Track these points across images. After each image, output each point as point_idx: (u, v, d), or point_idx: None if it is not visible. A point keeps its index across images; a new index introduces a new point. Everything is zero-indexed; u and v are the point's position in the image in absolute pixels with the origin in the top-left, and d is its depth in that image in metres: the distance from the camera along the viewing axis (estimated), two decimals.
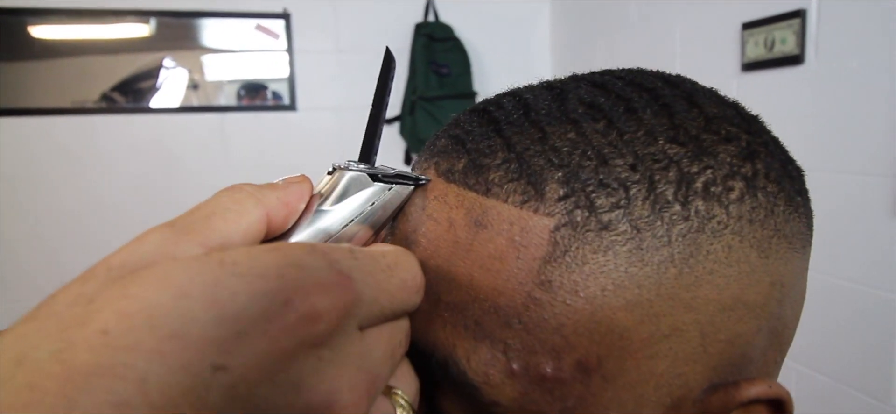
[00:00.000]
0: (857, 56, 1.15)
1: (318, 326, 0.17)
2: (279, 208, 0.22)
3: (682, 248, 0.22)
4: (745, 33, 1.36)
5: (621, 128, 0.24)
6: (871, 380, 1.18)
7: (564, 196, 0.23)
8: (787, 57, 1.27)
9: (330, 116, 2.09)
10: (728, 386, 0.24)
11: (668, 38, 1.62)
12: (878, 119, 1.12)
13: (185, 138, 1.98)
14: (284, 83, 2.05)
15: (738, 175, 0.24)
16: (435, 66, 2.06)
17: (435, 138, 0.28)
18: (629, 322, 0.22)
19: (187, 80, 2.01)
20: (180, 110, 1.99)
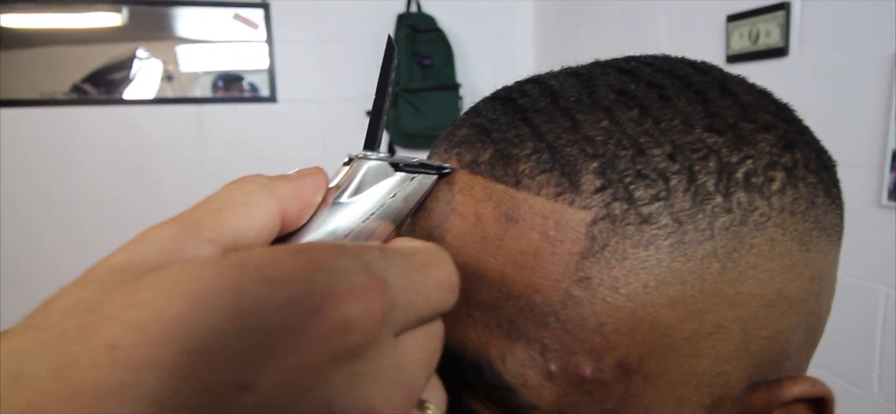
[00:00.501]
0: (840, 49, 1.17)
1: (353, 336, 0.15)
2: (293, 201, 0.20)
3: (726, 241, 0.21)
4: (730, 25, 1.37)
5: (656, 116, 0.23)
6: (853, 367, 1.20)
7: (601, 188, 0.21)
8: (772, 49, 1.28)
9: (312, 108, 2.05)
10: (770, 384, 0.24)
11: (652, 30, 1.63)
12: (860, 111, 1.14)
13: (161, 131, 1.93)
14: (264, 74, 2.00)
15: (779, 165, 0.23)
16: (418, 58, 2.03)
17: (454, 127, 0.27)
18: (672, 320, 0.21)
19: (162, 71, 1.96)
20: (155, 102, 1.93)
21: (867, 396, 1.17)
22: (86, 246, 1.87)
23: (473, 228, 0.23)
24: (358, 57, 2.08)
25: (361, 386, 0.16)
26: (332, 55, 2.04)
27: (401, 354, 0.17)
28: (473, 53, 2.18)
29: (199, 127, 1.96)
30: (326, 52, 2.04)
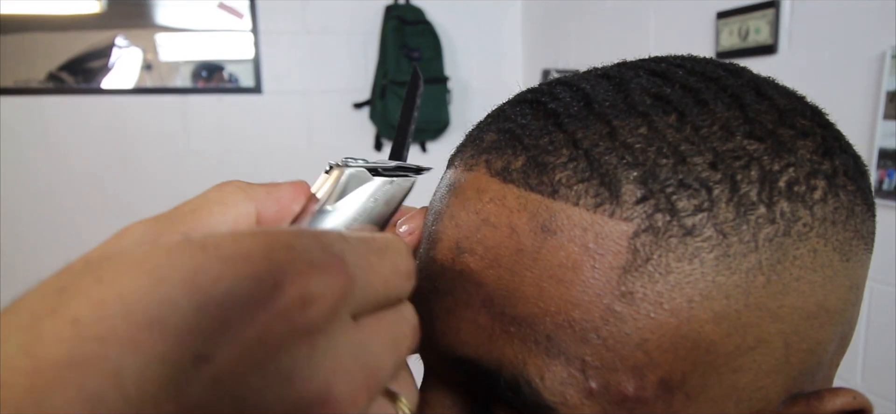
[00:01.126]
0: (828, 47, 1.18)
1: (312, 311, 0.15)
2: (269, 204, 0.21)
3: (770, 253, 0.21)
4: (720, 22, 1.38)
5: (695, 122, 0.22)
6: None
7: (643, 198, 0.21)
8: (761, 47, 1.29)
9: (297, 100, 2.02)
10: (809, 397, 0.23)
11: (642, 26, 1.63)
12: (848, 109, 1.15)
13: (143, 122, 1.89)
14: (249, 65, 1.97)
15: (820, 173, 0.22)
16: (406, 50, 2.01)
17: (479, 131, 0.26)
18: (716, 335, 0.21)
19: (141, 60, 1.91)
20: (137, 91, 1.89)
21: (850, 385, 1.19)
22: (66, 238, 1.83)
23: (508, 241, 0.22)
24: (345, 49, 2.05)
25: (321, 360, 0.16)
26: (319, 46, 2.01)
27: (363, 334, 0.17)
28: (461, 46, 2.17)
29: (182, 118, 1.91)
30: (313, 43, 2.01)
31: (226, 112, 1.95)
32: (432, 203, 0.27)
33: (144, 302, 0.14)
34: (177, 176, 1.92)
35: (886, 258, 1.11)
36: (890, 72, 1.06)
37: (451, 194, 0.25)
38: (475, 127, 0.27)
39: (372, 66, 2.07)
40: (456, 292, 0.23)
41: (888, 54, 1.06)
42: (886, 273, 1.11)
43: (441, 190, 0.26)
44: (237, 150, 1.97)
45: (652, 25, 1.60)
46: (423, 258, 0.25)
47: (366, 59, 2.07)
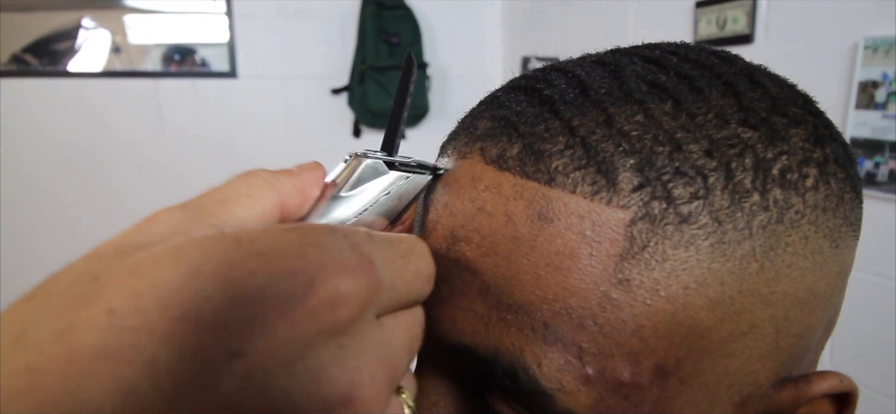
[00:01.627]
0: (803, 38, 1.20)
1: (342, 311, 0.16)
2: (293, 194, 0.21)
3: (763, 240, 0.21)
4: (699, 11, 1.39)
5: (690, 109, 0.22)
6: None
7: (639, 186, 0.21)
8: (738, 36, 1.30)
9: (275, 85, 1.98)
10: (797, 381, 0.23)
11: (621, 14, 1.64)
12: (821, 98, 1.16)
13: (113, 106, 1.83)
14: (223, 48, 1.92)
15: (812, 161, 0.23)
16: (385, 35, 1.99)
17: (472, 119, 0.26)
18: (711, 322, 0.21)
19: (110, 42, 1.85)
20: (107, 75, 1.83)
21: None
22: (35, 222, 1.77)
23: (504, 228, 0.22)
24: (322, 33, 2.02)
25: (348, 360, 0.16)
26: (296, 31, 1.98)
27: (386, 334, 0.18)
28: (441, 32, 2.15)
29: (155, 102, 1.87)
30: (289, 27, 1.97)
31: (200, 97, 1.91)
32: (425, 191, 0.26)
33: (179, 295, 0.14)
34: (150, 161, 1.87)
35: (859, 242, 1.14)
36: (862, 63, 1.09)
37: (445, 183, 0.24)
38: (468, 114, 0.27)
39: (350, 51, 2.04)
40: (452, 281, 0.23)
41: (860, 46, 1.09)
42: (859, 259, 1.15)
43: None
44: (212, 135, 1.93)
45: (631, 14, 1.61)
46: None
47: (343, 45, 2.04)
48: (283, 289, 0.15)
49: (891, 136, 1.06)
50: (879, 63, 1.06)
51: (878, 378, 1.14)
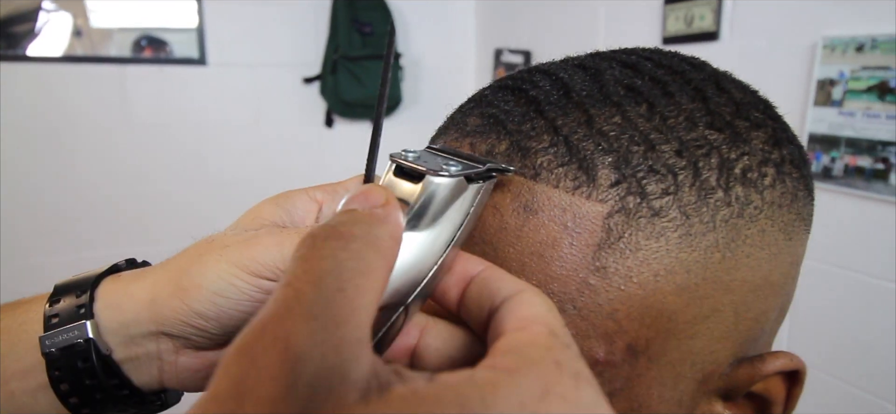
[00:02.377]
0: (768, 36, 1.24)
1: None
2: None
3: (726, 233, 0.23)
4: (667, 8, 1.42)
5: (663, 112, 0.24)
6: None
7: (616, 182, 0.22)
8: (705, 33, 1.34)
9: (245, 73, 1.95)
10: (753, 360, 0.26)
11: (592, 9, 1.66)
12: (782, 94, 1.22)
13: (77, 92, 1.77)
14: (192, 34, 1.88)
15: (770, 162, 0.25)
16: (357, 25, 1.97)
17: (462, 115, 0.27)
18: (677, 306, 0.23)
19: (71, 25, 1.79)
20: (70, 60, 1.77)
21: None
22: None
23: (492, 219, 0.23)
24: (294, 21, 1.99)
25: None
26: (267, 18, 1.95)
27: None
28: (414, 22, 2.15)
29: (121, 89, 1.82)
30: (260, 14, 1.94)
31: (168, 84, 1.86)
32: None
33: None
34: (115, 148, 1.83)
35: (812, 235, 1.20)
36: (820, 61, 1.13)
37: None
38: (456, 110, 0.28)
39: (322, 40, 2.02)
40: None
41: (819, 45, 1.13)
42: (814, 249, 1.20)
43: None
44: (181, 123, 1.89)
45: (602, 9, 1.64)
46: None
47: (316, 33, 2.02)
48: None
49: (847, 132, 1.11)
50: (837, 62, 1.11)
51: (835, 364, 1.20)
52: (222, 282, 0.26)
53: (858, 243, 1.13)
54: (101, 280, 0.29)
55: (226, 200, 1.98)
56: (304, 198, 0.30)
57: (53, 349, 0.27)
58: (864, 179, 1.08)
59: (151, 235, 1.91)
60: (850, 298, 1.15)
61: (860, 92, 1.08)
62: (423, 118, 2.14)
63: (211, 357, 0.29)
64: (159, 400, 0.30)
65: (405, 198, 0.20)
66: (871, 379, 1.13)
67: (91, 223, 1.84)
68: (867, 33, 1.06)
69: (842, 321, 1.17)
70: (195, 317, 0.27)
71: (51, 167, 1.77)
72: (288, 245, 0.25)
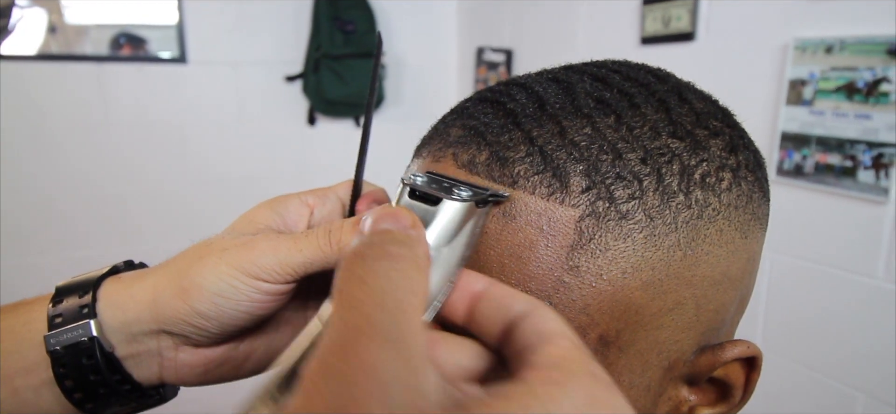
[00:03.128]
0: (742, 37, 1.27)
1: None
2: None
3: (686, 233, 0.25)
4: (645, 9, 1.45)
5: (629, 123, 0.26)
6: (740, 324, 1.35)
7: (587, 188, 0.24)
8: (682, 34, 1.37)
9: (226, 71, 1.94)
10: (714, 347, 0.28)
11: (572, 10, 1.69)
12: (756, 94, 1.25)
13: (53, 90, 1.75)
14: (172, 31, 1.86)
15: (727, 167, 0.27)
16: (340, 23, 1.97)
17: (444, 126, 0.29)
18: (643, 300, 0.25)
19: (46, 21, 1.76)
20: (48, 58, 1.75)
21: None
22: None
23: None
24: (275, 20, 1.98)
25: None
26: (248, 16, 1.94)
27: None
28: (397, 20, 2.15)
29: (99, 87, 1.80)
30: (241, 12, 1.93)
31: (148, 83, 1.85)
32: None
33: None
34: (95, 148, 1.80)
35: (784, 230, 1.23)
36: (791, 62, 1.17)
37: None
38: (440, 121, 0.30)
39: (304, 38, 2.02)
40: None
41: (791, 46, 1.17)
42: (785, 244, 1.24)
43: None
44: (162, 122, 1.88)
45: (582, 8, 1.66)
46: None
47: (297, 32, 2.02)
48: None
49: (817, 130, 1.14)
50: (807, 63, 1.14)
51: (805, 352, 1.23)
52: (222, 283, 0.28)
53: (828, 238, 1.16)
54: (102, 281, 0.30)
55: (209, 199, 1.97)
56: (297, 202, 0.32)
57: (58, 347, 0.28)
58: (834, 176, 1.12)
59: (134, 234, 1.89)
60: (820, 291, 1.19)
61: (829, 92, 1.11)
62: (405, 117, 2.15)
63: (208, 354, 0.31)
64: (158, 394, 0.32)
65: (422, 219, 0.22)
66: (840, 367, 1.17)
67: (72, 223, 1.82)
68: (836, 35, 1.10)
69: (812, 312, 1.21)
70: (196, 316, 0.28)
71: (30, 167, 1.75)
72: (283, 250, 0.28)
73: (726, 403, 0.29)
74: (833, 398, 1.19)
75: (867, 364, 1.13)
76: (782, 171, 1.21)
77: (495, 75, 2.03)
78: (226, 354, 0.32)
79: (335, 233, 0.28)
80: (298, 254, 0.28)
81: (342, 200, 0.34)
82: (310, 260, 0.29)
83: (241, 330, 0.31)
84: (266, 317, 0.31)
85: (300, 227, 0.32)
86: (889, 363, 1.09)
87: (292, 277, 0.29)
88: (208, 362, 0.32)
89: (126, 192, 1.87)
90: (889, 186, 1.04)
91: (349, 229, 0.28)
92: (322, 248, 0.28)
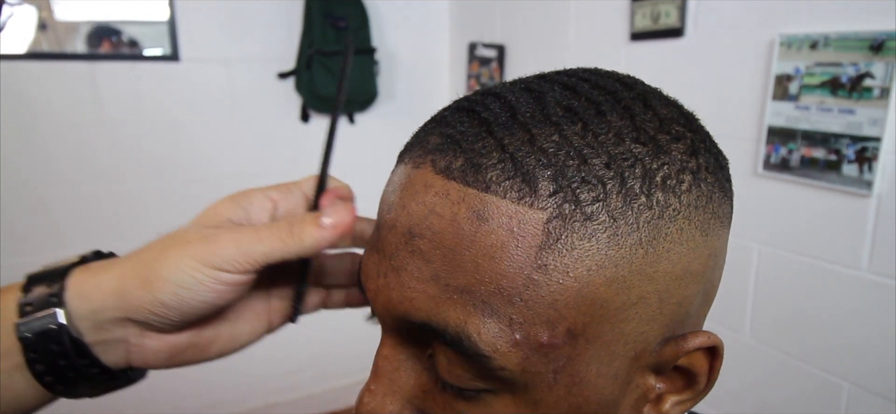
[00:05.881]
0: (729, 33, 1.29)
1: None
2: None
3: (648, 232, 0.27)
4: (634, 5, 1.46)
5: (595, 130, 0.27)
6: (728, 314, 1.37)
7: (554, 192, 0.26)
8: (670, 29, 1.38)
9: (219, 68, 1.94)
10: (677, 338, 0.30)
11: (563, 6, 1.70)
12: (743, 89, 1.27)
13: (44, 89, 1.75)
14: (163, 27, 1.86)
15: (687, 170, 0.28)
16: (332, 19, 1.98)
17: (424, 134, 0.30)
18: (608, 294, 0.26)
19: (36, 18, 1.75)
20: (40, 57, 1.74)
21: (740, 338, 1.35)
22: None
23: (450, 227, 0.27)
24: (268, 16, 1.99)
25: None
26: (240, 13, 1.94)
27: None
28: (389, 17, 2.16)
29: (92, 86, 1.80)
30: (233, 9, 1.93)
31: (140, 80, 1.85)
32: (386, 193, 0.31)
33: None
34: (88, 146, 1.81)
35: (771, 223, 1.25)
36: (777, 57, 1.19)
37: (403, 188, 0.29)
38: (420, 129, 0.31)
39: (296, 34, 2.02)
40: (409, 269, 0.28)
41: (777, 42, 1.18)
42: (773, 236, 1.26)
43: (393, 183, 0.31)
44: (155, 119, 1.88)
45: (572, 4, 1.67)
46: (382, 240, 0.30)
47: (289, 28, 2.02)
48: None
49: (803, 125, 1.16)
50: (793, 58, 1.16)
51: (796, 346, 1.26)
52: (185, 275, 0.31)
53: (814, 230, 1.18)
54: (70, 270, 0.33)
55: (202, 196, 1.96)
56: (260, 196, 0.35)
57: (29, 334, 0.30)
58: (819, 170, 1.14)
59: (127, 231, 1.90)
60: (806, 282, 1.21)
61: (814, 87, 1.13)
62: (398, 112, 2.16)
63: (173, 340, 0.34)
64: (126, 377, 0.35)
65: None
66: (825, 357, 1.20)
67: (66, 222, 1.82)
68: (821, 31, 1.11)
69: (798, 303, 1.23)
70: (159, 306, 0.31)
71: (23, 165, 1.75)
72: (245, 241, 0.31)
73: (692, 390, 0.31)
74: (819, 387, 1.21)
75: (852, 353, 1.15)
76: (769, 164, 1.22)
77: (487, 71, 2.04)
78: (190, 339, 0.35)
79: (296, 226, 0.31)
80: (259, 244, 0.31)
81: (306, 195, 0.37)
82: (270, 250, 0.32)
83: (204, 317, 0.34)
84: (228, 305, 0.34)
85: (263, 220, 0.35)
86: (873, 352, 1.11)
87: (253, 267, 0.32)
88: (173, 348, 0.34)
89: (119, 190, 1.87)
90: (872, 180, 1.06)
91: (310, 222, 0.30)
92: (283, 239, 0.32)
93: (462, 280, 0.26)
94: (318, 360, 2.23)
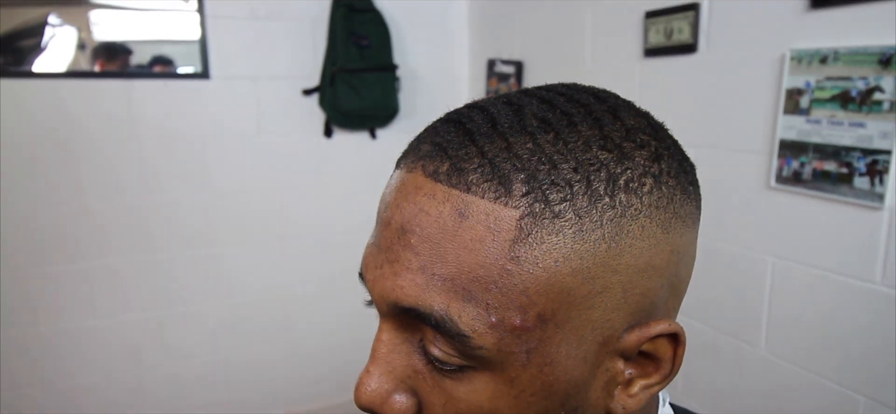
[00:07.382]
0: (741, 48, 1.31)
1: None
2: None
3: (611, 229, 0.30)
4: (648, 22, 1.49)
5: (566, 139, 0.31)
6: (743, 327, 1.37)
7: (527, 193, 0.30)
8: (683, 45, 1.41)
9: (247, 86, 2.03)
10: (641, 325, 0.33)
11: (579, 21, 1.73)
12: (756, 104, 1.28)
13: (83, 106, 1.85)
14: (195, 46, 1.95)
15: (649, 174, 0.32)
16: (355, 38, 2.05)
17: (418, 142, 0.35)
18: (574, 284, 0.30)
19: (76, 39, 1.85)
20: (81, 75, 1.84)
21: (756, 351, 1.35)
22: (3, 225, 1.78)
23: (436, 223, 0.31)
24: (293, 35, 2.07)
25: None
26: (267, 32, 2.02)
27: None
28: (410, 35, 2.22)
29: (128, 103, 1.89)
30: (261, 28, 2.01)
31: (173, 98, 1.94)
32: (384, 194, 0.35)
33: None
34: (122, 161, 1.90)
35: (785, 235, 1.26)
36: (788, 72, 1.20)
37: (398, 189, 0.33)
38: (415, 138, 0.36)
39: (320, 52, 2.10)
40: (401, 260, 0.32)
41: (787, 56, 1.20)
42: (786, 249, 1.26)
43: (391, 185, 0.35)
44: (185, 135, 1.96)
45: (588, 21, 1.71)
46: (379, 236, 0.34)
47: (314, 46, 2.09)
48: None
49: (814, 138, 1.17)
50: (803, 73, 1.18)
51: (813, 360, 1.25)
52: None
53: (827, 243, 1.19)
54: None
55: (229, 209, 2.05)
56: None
57: None
58: (831, 183, 1.15)
59: (156, 243, 1.98)
60: (821, 295, 1.21)
61: (825, 101, 1.14)
62: (418, 127, 2.16)
63: None
64: None
65: None
66: (841, 371, 1.19)
67: (98, 233, 1.91)
68: (830, 46, 1.13)
69: (813, 316, 1.23)
70: None
71: (60, 180, 1.84)
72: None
73: (658, 374, 0.34)
74: (834, 401, 1.20)
75: (868, 367, 1.15)
76: (781, 178, 1.23)
77: (506, 86, 2.08)
78: None
79: None
80: None
81: None
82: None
83: None
84: None
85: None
86: (889, 366, 1.11)
87: None
88: None
89: (150, 203, 1.96)
90: (884, 192, 1.06)
91: None
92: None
93: (446, 270, 0.30)
94: (337, 372, 2.28)
